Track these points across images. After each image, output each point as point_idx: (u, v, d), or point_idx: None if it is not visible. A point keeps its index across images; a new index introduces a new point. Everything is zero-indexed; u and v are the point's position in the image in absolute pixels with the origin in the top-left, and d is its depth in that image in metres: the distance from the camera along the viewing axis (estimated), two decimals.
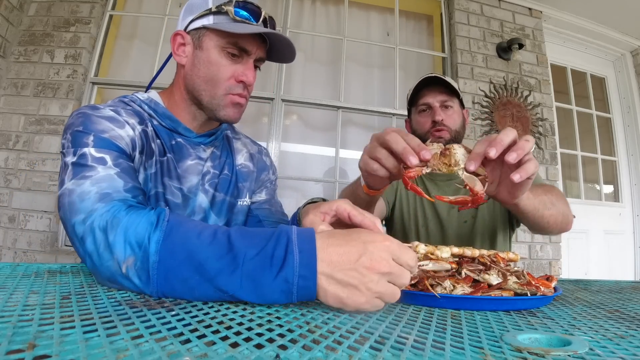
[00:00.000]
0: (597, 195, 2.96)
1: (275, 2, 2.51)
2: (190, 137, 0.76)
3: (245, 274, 0.40)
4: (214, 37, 0.69)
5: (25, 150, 1.98)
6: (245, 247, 0.41)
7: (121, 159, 0.59)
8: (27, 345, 0.23)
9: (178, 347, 0.25)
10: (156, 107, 0.73)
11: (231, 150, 0.85)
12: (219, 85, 0.70)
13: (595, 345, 0.30)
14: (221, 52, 0.69)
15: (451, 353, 0.27)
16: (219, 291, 0.40)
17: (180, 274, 0.41)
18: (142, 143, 0.67)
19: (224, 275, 0.40)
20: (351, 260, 0.39)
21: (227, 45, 0.69)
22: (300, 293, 0.39)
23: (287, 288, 0.39)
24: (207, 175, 0.78)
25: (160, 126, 0.72)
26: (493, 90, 2.54)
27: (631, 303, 0.54)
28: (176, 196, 0.72)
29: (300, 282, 0.39)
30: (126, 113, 0.67)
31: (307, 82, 2.47)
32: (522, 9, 2.77)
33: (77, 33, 2.15)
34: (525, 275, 0.53)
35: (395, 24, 2.62)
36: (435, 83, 1.10)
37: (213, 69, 0.69)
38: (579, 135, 2.92)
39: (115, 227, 0.46)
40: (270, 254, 0.40)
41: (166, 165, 0.71)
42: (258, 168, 0.88)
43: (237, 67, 0.71)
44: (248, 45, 0.70)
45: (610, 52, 3.13)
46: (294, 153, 2.39)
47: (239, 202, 0.82)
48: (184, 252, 0.41)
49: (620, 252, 2.85)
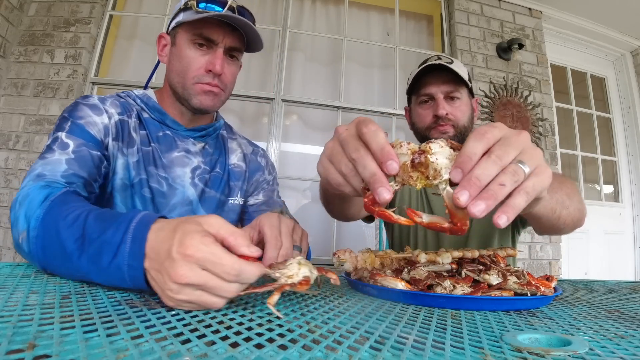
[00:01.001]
0: (597, 195, 2.96)
1: (275, 2, 2.51)
2: (179, 130, 0.80)
3: (89, 257, 0.41)
4: (183, 32, 0.74)
5: (25, 150, 1.98)
6: (93, 231, 0.42)
7: (84, 147, 0.65)
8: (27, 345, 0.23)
9: (178, 347, 0.25)
10: (148, 101, 0.78)
11: (225, 149, 0.88)
12: (187, 76, 0.74)
13: (595, 345, 0.30)
14: (190, 45, 0.73)
15: (451, 353, 0.27)
16: (77, 271, 0.43)
17: (51, 250, 0.45)
18: (117, 131, 0.72)
19: (75, 256, 0.42)
20: (161, 259, 0.36)
21: (193, 37, 0.73)
22: (133, 282, 0.39)
23: (121, 275, 0.39)
24: (198, 170, 0.80)
25: (150, 118, 0.78)
26: (493, 90, 2.54)
27: (631, 303, 0.54)
28: (161, 184, 0.76)
29: (130, 272, 0.38)
30: (111, 104, 0.73)
31: (307, 82, 2.47)
32: (522, 9, 2.77)
33: (77, 33, 2.15)
34: (525, 275, 0.53)
35: (395, 24, 2.62)
36: (441, 69, 0.93)
37: (184, 61, 0.74)
38: (579, 135, 2.92)
39: (23, 202, 0.52)
40: (108, 239, 0.40)
41: (151, 154, 0.75)
42: (250, 169, 0.90)
43: (207, 57, 0.74)
44: (213, 35, 0.73)
45: (610, 52, 3.13)
46: (294, 153, 2.39)
47: (230, 200, 0.84)
48: (53, 231, 0.45)
49: (620, 252, 2.85)
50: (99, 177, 0.68)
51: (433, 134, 0.97)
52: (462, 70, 0.94)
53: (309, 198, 2.36)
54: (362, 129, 0.39)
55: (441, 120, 0.93)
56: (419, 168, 0.37)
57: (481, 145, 0.35)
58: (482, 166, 0.34)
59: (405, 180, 0.38)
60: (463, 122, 0.94)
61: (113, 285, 0.42)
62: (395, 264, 0.61)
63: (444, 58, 0.94)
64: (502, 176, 0.35)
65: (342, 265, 0.63)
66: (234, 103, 2.34)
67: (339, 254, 0.63)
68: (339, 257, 0.63)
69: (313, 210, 2.30)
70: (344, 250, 0.64)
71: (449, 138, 0.94)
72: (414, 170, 0.37)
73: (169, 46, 0.78)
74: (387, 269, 0.60)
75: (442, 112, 0.92)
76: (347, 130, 0.41)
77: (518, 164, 0.36)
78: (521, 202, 0.35)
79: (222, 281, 0.35)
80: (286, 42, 2.40)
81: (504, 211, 0.34)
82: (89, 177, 0.65)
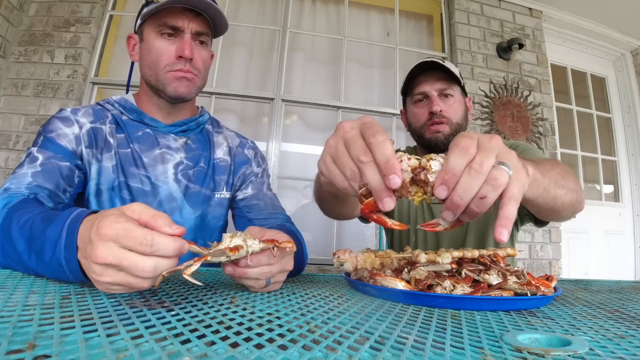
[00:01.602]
0: (597, 195, 2.96)
1: (275, 2, 2.51)
2: (158, 127, 0.81)
3: (36, 255, 0.44)
4: (148, 26, 0.76)
5: (25, 150, 1.98)
6: (37, 230, 0.45)
7: (53, 159, 0.69)
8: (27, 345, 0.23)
9: (178, 347, 0.25)
10: (125, 104, 0.81)
11: (210, 143, 0.88)
12: (159, 66, 0.75)
13: (595, 345, 0.30)
14: (157, 36, 0.75)
15: (451, 353, 0.27)
16: (29, 269, 0.47)
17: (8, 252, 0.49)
18: (90, 139, 0.75)
19: (25, 255, 0.46)
20: (84, 246, 0.38)
21: (159, 27, 0.75)
22: (73, 274, 0.41)
23: (62, 269, 0.41)
24: (180, 165, 0.81)
25: (128, 120, 0.80)
26: (493, 90, 2.54)
27: (631, 303, 0.54)
28: (144, 184, 0.77)
29: (68, 265, 0.40)
30: (83, 114, 0.76)
31: (307, 82, 2.47)
32: (522, 9, 2.77)
33: (77, 33, 2.15)
34: (525, 275, 0.53)
35: (395, 24, 2.62)
36: (433, 68, 0.95)
37: (153, 53, 0.75)
38: (579, 135, 2.92)
39: None
40: (49, 236, 0.43)
41: (130, 155, 0.77)
42: (236, 162, 0.90)
43: (174, 46, 0.75)
44: (177, 22, 0.74)
45: (610, 52, 3.13)
46: (294, 153, 2.39)
47: (215, 194, 0.85)
48: (8, 234, 0.49)
49: (620, 252, 2.85)
50: (69, 186, 0.71)
51: (428, 132, 0.97)
52: (454, 69, 0.96)
53: (309, 198, 2.36)
54: (370, 138, 0.38)
55: (436, 117, 0.94)
56: (418, 183, 0.38)
57: (464, 160, 0.36)
58: (465, 181, 0.36)
59: (404, 194, 0.39)
60: (457, 120, 0.96)
61: (60, 279, 0.44)
62: (395, 264, 0.61)
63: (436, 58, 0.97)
64: (484, 187, 0.36)
65: (342, 265, 0.63)
66: (234, 103, 2.35)
67: (339, 254, 0.63)
68: (339, 257, 0.63)
69: (313, 210, 2.29)
70: (344, 250, 0.64)
71: (445, 135, 0.96)
72: (413, 184, 0.39)
73: (138, 44, 0.80)
74: (387, 269, 0.60)
75: (436, 108, 0.93)
76: (352, 130, 0.40)
77: (500, 166, 0.37)
78: (513, 210, 0.37)
79: (138, 256, 0.35)
80: (286, 42, 2.40)
81: (501, 225, 0.36)
82: (55, 188, 0.68)
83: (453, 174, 0.36)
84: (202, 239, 0.83)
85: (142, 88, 0.82)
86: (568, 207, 0.64)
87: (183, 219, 0.80)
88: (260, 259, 0.45)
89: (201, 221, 0.83)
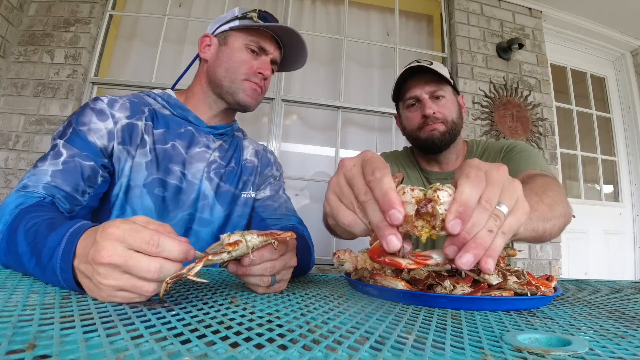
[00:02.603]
0: (597, 195, 2.96)
1: (275, 2, 2.51)
2: (200, 126, 0.84)
3: (35, 259, 0.45)
4: (239, 36, 0.82)
5: (25, 150, 1.98)
6: (41, 236, 0.46)
7: (77, 158, 0.68)
8: (27, 345, 0.23)
9: (178, 347, 0.25)
10: (169, 99, 0.83)
11: (240, 146, 0.93)
12: (239, 72, 0.81)
13: (595, 345, 0.30)
14: (243, 48, 0.82)
15: (451, 353, 0.27)
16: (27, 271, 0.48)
17: (11, 250, 0.50)
18: (124, 135, 0.74)
19: (26, 258, 0.47)
20: (87, 251, 0.38)
21: (249, 42, 0.82)
22: (66, 283, 0.41)
23: (56, 278, 0.42)
24: (214, 164, 0.84)
25: (171, 115, 0.82)
26: (493, 90, 2.54)
27: (631, 303, 0.54)
28: (181, 180, 0.79)
29: (62, 275, 0.41)
30: (120, 107, 0.75)
31: (307, 82, 2.47)
32: (522, 9, 2.77)
33: (77, 33, 2.15)
34: (525, 275, 0.53)
35: (395, 24, 2.62)
36: (422, 72, 0.97)
37: (235, 59, 0.81)
38: (579, 135, 2.92)
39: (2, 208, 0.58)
40: (49, 244, 0.43)
41: (170, 151, 0.79)
42: (262, 163, 0.95)
43: (256, 62, 0.83)
44: (267, 45, 0.83)
45: (610, 52, 3.13)
46: (294, 153, 2.39)
47: (243, 194, 0.88)
48: (14, 235, 0.50)
49: (620, 252, 2.85)
50: (89, 187, 0.69)
51: (424, 132, 0.99)
52: (442, 70, 0.97)
53: (309, 198, 2.36)
54: (369, 176, 0.37)
55: (429, 120, 0.96)
56: (424, 217, 0.35)
57: (478, 192, 0.35)
58: (476, 217, 0.35)
59: (409, 230, 0.35)
60: (452, 118, 0.97)
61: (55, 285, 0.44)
62: None
63: (423, 61, 0.98)
64: (490, 222, 0.35)
65: (342, 265, 0.63)
66: None
67: (339, 254, 0.63)
68: (339, 257, 0.63)
69: (313, 210, 2.30)
70: (344, 250, 0.64)
71: (440, 133, 0.97)
72: (419, 218, 0.35)
73: (214, 46, 0.84)
74: (387, 269, 0.60)
75: (429, 111, 0.96)
76: (354, 167, 0.39)
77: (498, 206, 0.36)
78: (501, 243, 0.36)
79: (143, 256, 0.36)
80: None
81: (488, 255, 0.35)
82: (73, 190, 0.67)
83: (468, 206, 0.34)
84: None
85: (198, 87, 0.85)
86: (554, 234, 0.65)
87: (213, 217, 0.83)
88: (263, 254, 0.46)
89: (226, 219, 0.86)
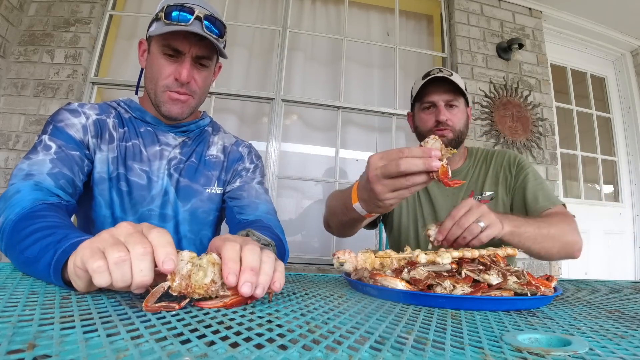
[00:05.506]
0: (597, 195, 2.96)
1: (275, 2, 2.51)
2: (159, 126, 0.85)
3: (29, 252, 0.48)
4: (154, 43, 0.78)
5: (25, 150, 1.98)
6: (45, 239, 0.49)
7: (65, 148, 0.72)
8: (27, 345, 0.23)
9: (178, 347, 0.25)
10: (130, 103, 0.86)
11: (206, 143, 0.91)
12: (158, 83, 0.78)
13: (595, 345, 0.30)
14: (160, 55, 0.77)
15: (451, 353, 0.27)
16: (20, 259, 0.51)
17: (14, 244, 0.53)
18: (96, 129, 0.79)
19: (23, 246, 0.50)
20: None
21: (162, 47, 0.77)
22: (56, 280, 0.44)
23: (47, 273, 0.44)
24: (174, 160, 0.85)
25: (132, 117, 0.85)
26: (493, 90, 2.54)
27: (631, 303, 0.54)
28: (142, 178, 0.81)
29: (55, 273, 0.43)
30: (89, 107, 0.81)
31: (307, 82, 2.47)
32: (522, 9, 2.77)
33: (77, 33, 2.15)
34: (525, 275, 0.53)
35: (395, 24, 2.62)
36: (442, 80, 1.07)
37: (155, 69, 0.78)
38: (579, 135, 2.92)
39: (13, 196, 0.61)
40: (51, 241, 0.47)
41: (131, 149, 0.81)
42: (230, 159, 0.93)
43: (175, 66, 0.78)
44: (180, 45, 0.76)
45: (610, 52, 3.13)
46: (294, 153, 2.39)
47: (206, 189, 0.88)
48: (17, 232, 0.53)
49: (620, 252, 2.85)
50: (81, 174, 0.74)
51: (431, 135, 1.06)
52: (460, 82, 1.08)
53: (309, 198, 2.36)
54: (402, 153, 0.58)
55: (441, 125, 1.06)
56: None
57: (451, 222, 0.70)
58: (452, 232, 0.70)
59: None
60: (459, 127, 1.08)
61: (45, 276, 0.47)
62: (395, 264, 0.61)
63: (445, 71, 1.08)
64: (465, 233, 0.69)
65: (342, 265, 0.63)
66: (234, 103, 2.34)
67: (339, 254, 0.63)
68: (339, 257, 0.63)
69: (313, 210, 2.30)
70: (344, 250, 0.64)
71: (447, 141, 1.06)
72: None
73: (146, 53, 0.83)
74: (387, 269, 0.60)
75: (442, 117, 1.06)
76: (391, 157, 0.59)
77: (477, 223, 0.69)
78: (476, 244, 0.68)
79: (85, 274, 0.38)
80: (286, 42, 2.40)
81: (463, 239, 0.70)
82: (73, 175, 0.72)
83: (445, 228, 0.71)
84: (192, 233, 0.86)
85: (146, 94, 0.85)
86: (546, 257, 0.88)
87: (174, 212, 0.83)
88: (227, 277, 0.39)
89: (191, 215, 0.85)
